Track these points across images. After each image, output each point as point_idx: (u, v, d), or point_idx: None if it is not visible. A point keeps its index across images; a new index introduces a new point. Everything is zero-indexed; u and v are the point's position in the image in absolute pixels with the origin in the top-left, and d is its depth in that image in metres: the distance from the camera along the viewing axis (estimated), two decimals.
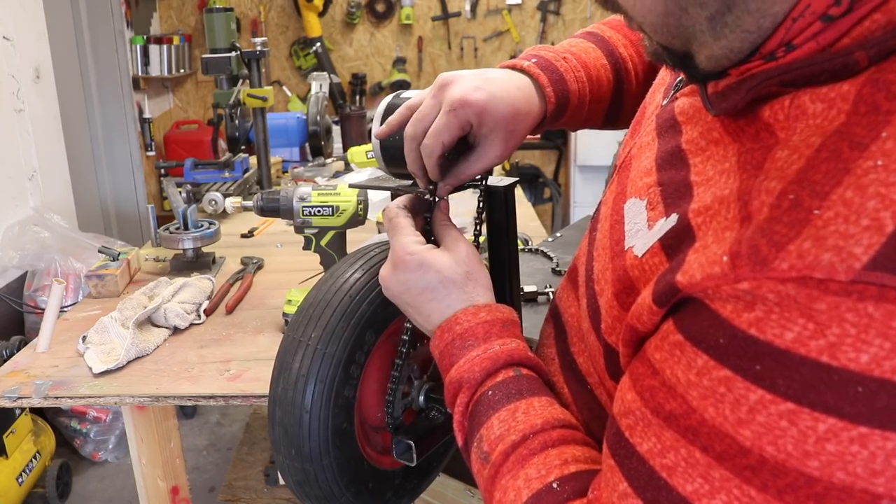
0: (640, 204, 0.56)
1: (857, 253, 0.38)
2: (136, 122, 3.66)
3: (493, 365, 0.62)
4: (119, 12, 3.64)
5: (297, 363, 0.69)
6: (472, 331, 0.64)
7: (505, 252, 0.81)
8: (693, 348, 0.45)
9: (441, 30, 4.58)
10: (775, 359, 0.40)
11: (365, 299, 0.72)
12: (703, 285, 0.43)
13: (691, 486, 0.44)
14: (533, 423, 0.59)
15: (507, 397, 0.61)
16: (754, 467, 0.41)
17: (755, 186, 0.44)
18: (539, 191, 4.64)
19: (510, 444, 0.58)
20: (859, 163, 0.40)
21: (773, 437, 0.41)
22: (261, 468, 2.42)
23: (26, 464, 2.16)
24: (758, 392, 0.41)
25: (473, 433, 0.61)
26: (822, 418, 0.39)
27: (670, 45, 0.52)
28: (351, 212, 1.27)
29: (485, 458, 0.59)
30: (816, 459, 0.39)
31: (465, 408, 0.63)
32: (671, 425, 0.46)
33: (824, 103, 0.44)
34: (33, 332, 2.32)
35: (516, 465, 0.57)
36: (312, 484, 0.70)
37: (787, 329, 0.40)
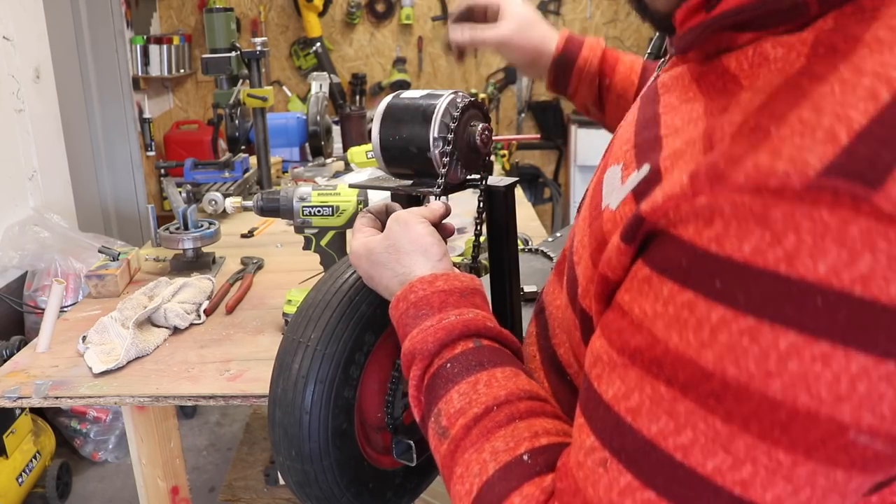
0: (617, 168, 0.57)
1: (811, 161, 0.38)
2: (136, 122, 3.66)
3: (449, 336, 0.60)
4: (119, 12, 3.64)
5: (296, 364, 0.69)
6: (426, 300, 0.62)
7: (505, 252, 0.81)
8: (659, 277, 0.44)
9: (441, 30, 4.58)
10: (734, 273, 0.40)
11: (364, 300, 0.72)
12: (664, 207, 0.43)
13: (656, 427, 0.43)
14: (496, 395, 0.56)
15: (466, 369, 0.58)
16: (718, 394, 0.40)
17: (718, 123, 0.45)
18: (539, 191, 4.64)
19: (472, 417, 0.55)
20: (816, 89, 0.41)
21: (734, 356, 0.40)
22: (261, 468, 2.42)
23: (26, 464, 2.16)
24: (718, 310, 0.40)
25: (430, 408, 0.58)
26: (783, 333, 0.38)
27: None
28: (351, 212, 1.27)
29: (443, 434, 0.56)
30: (779, 379, 0.39)
31: (419, 381, 0.60)
32: (636, 362, 0.45)
33: (784, 48, 0.45)
34: (33, 332, 2.32)
35: (480, 438, 0.54)
36: (313, 484, 0.70)
37: (745, 241, 0.39)
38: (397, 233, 0.67)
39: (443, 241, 0.69)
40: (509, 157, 4.05)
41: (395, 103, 0.75)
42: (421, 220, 0.68)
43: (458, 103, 0.72)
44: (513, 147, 4.18)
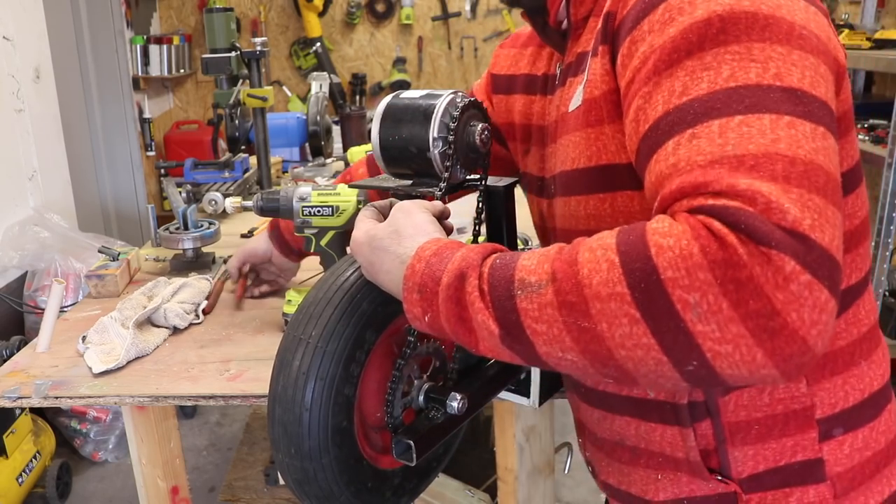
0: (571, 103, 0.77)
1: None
2: (136, 122, 3.66)
3: (485, 250, 0.60)
4: (119, 12, 3.64)
5: (297, 361, 0.69)
6: (444, 248, 0.62)
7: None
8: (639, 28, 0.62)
9: (441, 30, 4.58)
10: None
11: (366, 298, 0.72)
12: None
13: (704, 85, 0.56)
14: (559, 246, 0.56)
15: (514, 257, 0.58)
16: (721, 28, 0.57)
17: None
18: None
19: (553, 254, 0.55)
20: None
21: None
22: (261, 468, 2.42)
23: (26, 464, 2.16)
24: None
25: (509, 291, 0.55)
26: None
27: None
28: (351, 212, 1.27)
29: (539, 287, 0.53)
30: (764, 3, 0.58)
31: (479, 291, 0.57)
32: (659, 73, 0.59)
33: None
34: (33, 332, 2.32)
35: (573, 251, 0.54)
36: (312, 482, 0.70)
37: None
38: (400, 219, 0.68)
39: (443, 230, 0.69)
40: None
41: (395, 103, 0.75)
42: (423, 209, 0.69)
43: (458, 103, 0.72)
44: None
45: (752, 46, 0.56)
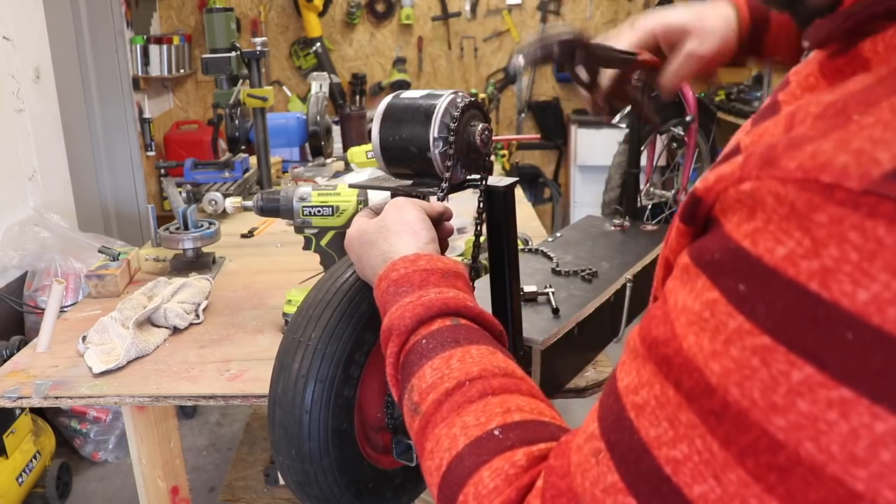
0: None
1: (880, 158, 0.31)
2: (136, 122, 3.66)
3: (427, 312, 0.59)
4: (119, 12, 3.64)
5: (296, 364, 0.69)
6: (407, 277, 0.62)
7: (505, 252, 0.81)
8: (695, 268, 0.39)
9: (441, 30, 4.58)
10: (761, 278, 0.34)
11: (364, 299, 0.72)
12: (716, 188, 0.38)
13: (654, 431, 0.39)
14: (469, 371, 0.54)
15: (441, 345, 0.57)
16: (718, 413, 0.35)
17: (807, 102, 0.38)
18: (539, 191, 4.65)
19: (443, 391, 0.54)
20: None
21: (740, 376, 0.34)
22: (261, 468, 2.41)
23: (26, 464, 2.16)
24: (738, 319, 0.35)
25: (405, 384, 0.57)
26: (799, 364, 0.32)
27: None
28: (351, 212, 1.27)
29: (415, 410, 0.55)
30: (784, 417, 0.32)
31: (395, 357, 0.59)
32: (651, 355, 0.40)
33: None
34: (33, 332, 2.32)
35: (451, 412, 0.52)
36: (313, 484, 0.70)
37: (780, 243, 0.33)
38: (390, 214, 0.69)
39: (433, 228, 0.69)
40: (509, 157, 4.05)
41: (395, 103, 0.75)
42: (416, 207, 0.69)
43: (458, 103, 0.72)
44: (513, 147, 4.18)
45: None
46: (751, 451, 0.34)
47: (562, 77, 4.58)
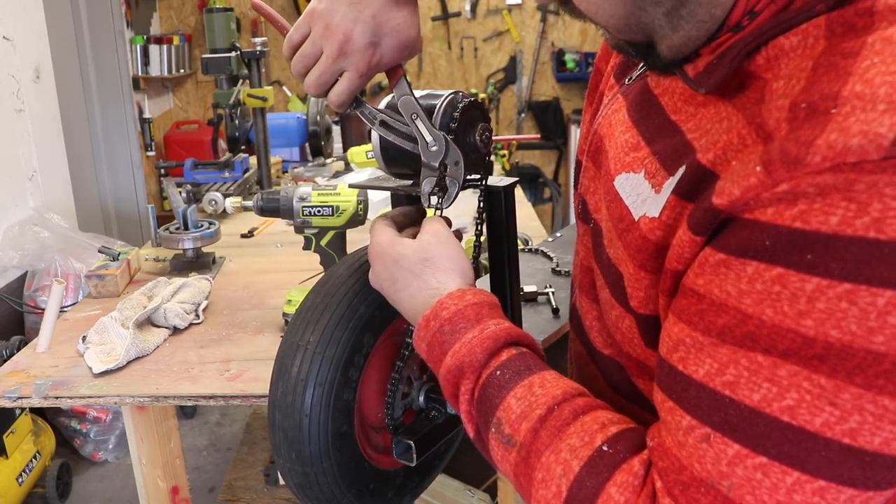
0: (637, 176, 0.57)
1: (882, 132, 0.39)
2: (136, 122, 3.66)
3: (495, 344, 0.59)
4: (119, 12, 3.64)
5: (295, 367, 0.69)
6: (461, 313, 0.61)
7: (505, 252, 0.81)
8: (739, 260, 0.45)
9: (441, 30, 4.58)
10: (824, 245, 0.41)
11: (363, 302, 0.71)
12: (744, 198, 0.44)
13: (758, 394, 0.44)
14: (554, 395, 0.56)
15: (517, 374, 0.57)
16: (821, 356, 0.42)
17: (763, 111, 0.46)
18: (539, 191, 4.64)
19: (536, 419, 0.54)
20: (857, 65, 0.42)
21: (835, 320, 0.41)
22: (261, 468, 2.42)
23: (26, 464, 2.16)
24: (813, 280, 0.41)
25: (488, 419, 0.57)
26: (881, 292, 0.40)
27: (633, 39, 0.55)
28: (351, 212, 1.27)
29: (508, 442, 0.56)
30: (881, 334, 0.40)
31: (470, 395, 0.59)
32: (726, 340, 0.46)
33: (797, 36, 0.46)
34: (33, 332, 2.32)
35: (553, 438, 0.53)
36: (314, 486, 0.70)
37: (832, 214, 0.40)
38: (433, 246, 0.66)
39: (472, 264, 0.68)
40: (509, 157, 4.05)
41: (395, 104, 0.75)
42: (455, 239, 0.68)
43: (458, 103, 0.72)
44: (513, 147, 4.18)
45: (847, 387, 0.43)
46: (858, 370, 0.41)
47: (562, 77, 4.58)
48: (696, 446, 0.47)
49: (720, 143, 0.49)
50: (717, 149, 0.49)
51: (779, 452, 0.44)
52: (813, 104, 0.43)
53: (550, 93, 4.67)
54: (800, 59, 0.46)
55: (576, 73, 4.51)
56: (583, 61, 4.50)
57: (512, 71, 4.62)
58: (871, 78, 0.41)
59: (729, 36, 0.50)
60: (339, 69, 0.67)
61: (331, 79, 0.68)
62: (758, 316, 0.44)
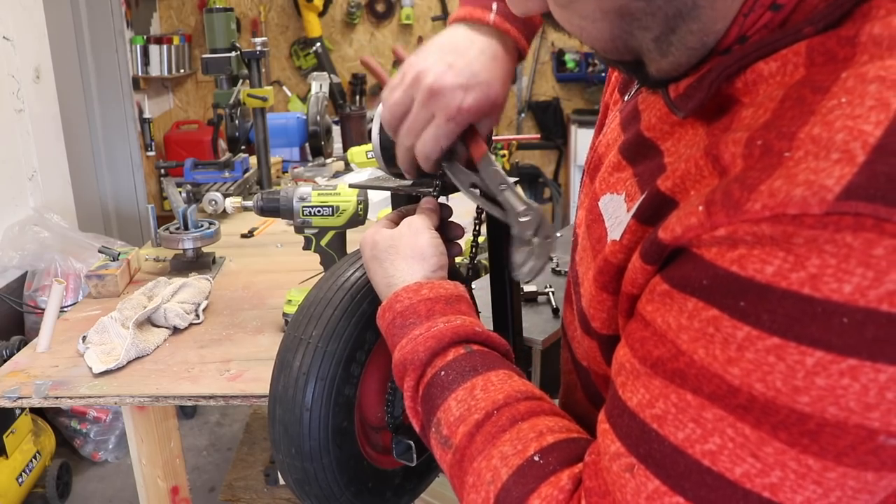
0: (619, 198, 0.56)
1: (828, 185, 0.37)
2: (136, 122, 3.66)
3: (439, 343, 0.59)
4: (119, 12, 3.64)
5: (297, 361, 0.69)
6: (413, 308, 0.61)
7: (505, 252, 0.81)
8: (681, 294, 0.44)
9: (441, 30, 4.58)
10: (758, 294, 0.40)
11: (366, 298, 0.72)
12: (685, 237, 0.43)
13: (683, 434, 0.43)
14: (495, 399, 0.55)
15: (461, 376, 0.57)
16: (745, 406, 0.41)
17: (721, 140, 0.44)
18: (539, 191, 4.64)
19: (473, 423, 0.54)
20: (823, 103, 0.40)
21: (761, 373, 0.40)
22: (261, 468, 2.42)
23: (26, 464, 2.16)
24: (744, 329, 0.40)
25: (430, 417, 0.58)
26: (810, 352, 0.38)
27: (621, 59, 0.53)
28: (351, 212, 1.27)
29: (445, 443, 0.56)
30: (807, 395, 0.39)
31: (413, 391, 0.59)
32: (658, 372, 0.45)
33: (777, 62, 0.44)
34: (33, 332, 2.32)
35: (486, 444, 0.53)
36: (312, 483, 0.70)
37: (768, 263, 0.39)
38: (405, 235, 0.67)
39: (445, 254, 0.67)
40: (509, 157, 4.05)
41: None
42: (430, 231, 0.67)
43: None
44: (513, 147, 4.18)
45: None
46: (782, 427, 0.40)
47: (562, 77, 4.58)
48: (619, 474, 0.46)
49: (679, 171, 0.47)
50: (677, 176, 0.47)
51: (696, 496, 0.42)
52: (768, 143, 0.41)
53: (550, 93, 4.67)
54: (775, 87, 0.44)
55: (576, 73, 4.51)
56: (583, 61, 4.50)
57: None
58: (832, 121, 0.39)
59: (715, 60, 0.48)
60: (430, 115, 0.65)
61: (421, 126, 0.66)
62: (690, 354, 0.43)
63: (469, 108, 0.64)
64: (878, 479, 0.40)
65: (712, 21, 0.46)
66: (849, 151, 0.37)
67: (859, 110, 0.38)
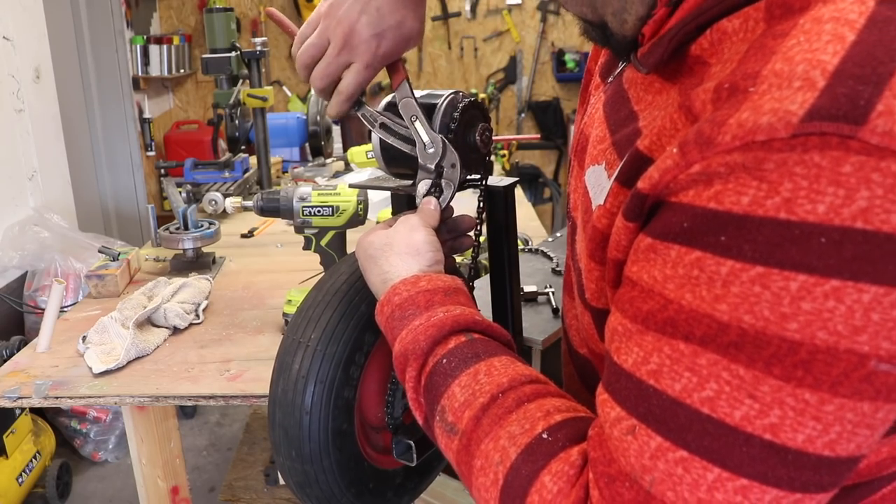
0: (599, 168, 0.57)
1: (792, 109, 0.39)
2: (136, 122, 3.66)
3: (440, 332, 0.58)
4: (119, 12, 3.64)
5: (296, 364, 0.69)
6: (412, 300, 0.61)
7: (505, 252, 0.81)
8: (663, 244, 0.44)
9: (441, 30, 4.58)
10: (737, 226, 0.40)
11: (364, 300, 0.71)
12: (664, 181, 0.44)
13: (679, 384, 0.43)
14: (499, 382, 0.55)
15: (463, 362, 0.57)
16: (737, 343, 0.41)
17: (693, 93, 0.46)
18: (539, 191, 4.64)
19: (479, 407, 0.54)
20: (783, 44, 0.42)
21: (748, 305, 0.40)
22: (261, 468, 2.42)
23: (26, 464, 2.16)
24: (727, 263, 0.41)
25: (433, 406, 0.57)
26: (793, 276, 0.39)
27: (585, 16, 0.56)
28: (351, 212, 1.27)
29: (451, 430, 0.55)
30: (794, 321, 0.39)
31: (416, 382, 0.59)
32: (650, 326, 0.45)
33: (739, 18, 0.46)
34: (33, 332, 2.32)
35: (493, 426, 0.52)
36: (313, 485, 0.70)
37: (743, 194, 0.40)
38: (398, 232, 0.67)
39: (440, 250, 0.68)
40: (509, 157, 4.05)
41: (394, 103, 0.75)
42: (426, 228, 0.68)
43: (458, 103, 0.72)
44: (513, 147, 4.18)
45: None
46: (775, 360, 0.40)
47: (562, 77, 4.58)
48: (621, 438, 0.45)
49: (655, 129, 0.48)
50: (653, 134, 0.48)
51: (699, 447, 0.42)
52: (734, 84, 0.42)
53: (550, 93, 4.67)
54: (740, 42, 0.46)
55: (576, 73, 4.51)
56: (583, 61, 4.50)
57: (512, 71, 4.62)
58: (792, 56, 0.40)
59: (665, 12, 0.50)
60: (345, 61, 0.68)
61: (336, 71, 0.69)
62: (678, 301, 0.43)
63: (385, 52, 0.67)
64: (874, 411, 0.40)
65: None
66: (809, 79, 0.39)
67: (817, 44, 0.40)
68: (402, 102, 0.70)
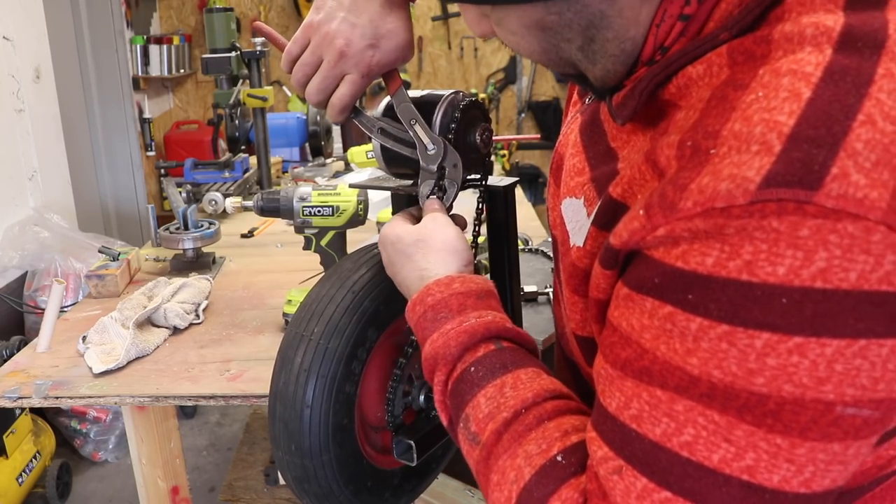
0: (578, 203, 0.58)
1: (750, 176, 0.40)
2: (136, 122, 3.66)
3: (471, 339, 0.59)
4: (119, 12, 3.64)
5: (298, 358, 0.69)
6: (445, 302, 0.62)
7: (505, 252, 0.81)
8: (639, 295, 0.46)
9: (441, 30, 4.58)
10: (702, 285, 0.42)
11: (368, 296, 0.72)
12: (632, 241, 0.46)
13: (659, 429, 0.45)
14: (524, 398, 0.56)
15: (491, 372, 0.58)
16: (709, 394, 0.43)
17: (658, 145, 0.47)
18: (539, 191, 4.65)
19: (502, 422, 0.55)
20: (743, 98, 0.43)
21: (717, 360, 0.42)
22: (261, 468, 2.42)
23: (26, 464, 2.16)
24: (696, 320, 0.43)
25: (458, 412, 0.58)
26: (757, 334, 0.41)
27: (565, 72, 0.57)
28: (351, 212, 1.27)
29: (474, 440, 0.57)
30: (761, 375, 0.41)
31: (444, 385, 0.60)
32: (628, 373, 0.47)
33: (703, 64, 0.48)
34: (33, 332, 2.32)
35: (513, 443, 0.54)
36: (311, 480, 0.70)
37: (707, 255, 0.41)
38: (431, 229, 0.67)
39: (470, 249, 0.68)
40: (509, 157, 4.05)
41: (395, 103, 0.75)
42: (454, 225, 0.69)
43: (459, 103, 0.72)
44: (513, 147, 4.18)
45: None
46: (746, 409, 0.42)
47: (562, 78, 4.58)
48: (608, 477, 0.47)
49: (626, 177, 0.50)
50: (625, 182, 0.50)
51: (682, 488, 0.44)
52: (696, 143, 0.44)
53: (550, 93, 4.67)
54: (705, 88, 0.47)
55: None
56: None
57: (512, 71, 4.62)
58: (750, 115, 0.42)
59: (644, 70, 0.52)
60: (341, 73, 0.68)
61: (332, 84, 0.69)
62: (653, 351, 0.45)
63: (380, 62, 0.68)
64: (845, 449, 0.42)
65: (624, 28, 0.50)
66: (766, 143, 0.40)
67: (774, 102, 0.41)
68: (401, 108, 0.71)
